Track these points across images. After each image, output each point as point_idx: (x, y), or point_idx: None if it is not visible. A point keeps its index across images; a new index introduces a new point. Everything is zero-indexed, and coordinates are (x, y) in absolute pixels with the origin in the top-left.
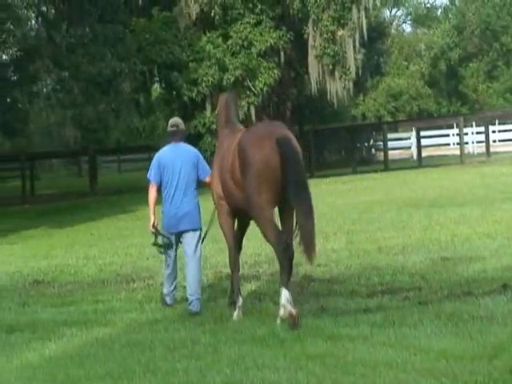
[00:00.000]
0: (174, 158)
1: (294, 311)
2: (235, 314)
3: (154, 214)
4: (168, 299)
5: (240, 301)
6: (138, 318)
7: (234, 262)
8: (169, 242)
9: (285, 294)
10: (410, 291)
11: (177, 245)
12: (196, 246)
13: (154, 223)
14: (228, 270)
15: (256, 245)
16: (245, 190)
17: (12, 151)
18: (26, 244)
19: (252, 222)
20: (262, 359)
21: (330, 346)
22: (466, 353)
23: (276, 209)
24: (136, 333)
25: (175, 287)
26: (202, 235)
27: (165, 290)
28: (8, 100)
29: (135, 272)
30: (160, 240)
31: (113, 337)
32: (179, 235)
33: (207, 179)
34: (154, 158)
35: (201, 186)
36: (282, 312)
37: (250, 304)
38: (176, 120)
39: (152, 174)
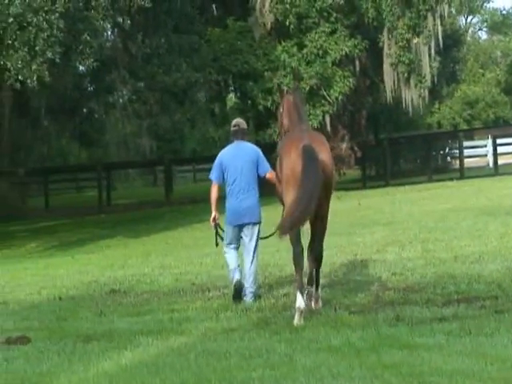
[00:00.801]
0: (235, 156)
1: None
2: (296, 317)
3: (216, 209)
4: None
5: (302, 304)
6: (213, 326)
7: (297, 264)
8: (227, 234)
9: (317, 293)
10: (487, 300)
11: (239, 238)
12: (255, 240)
13: (214, 217)
14: (303, 279)
15: (331, 253)
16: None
17: (89, 161)
18: (102, 253)
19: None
20: (338, 368)
21: (405, 356)
22: None
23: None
24: (211, 342)
25: (239, 265)
26: (267, 234)
27: (230, 266)
28: (85, 110)
29: (210, 281)
30: (220, 233)
31: (188, 346)
32: (241, 228)
33: (267, 175)
34: (217, 158)
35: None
36: (314, 305)
37: (324, 313)
38: (237, 120)
39: (214, 174)
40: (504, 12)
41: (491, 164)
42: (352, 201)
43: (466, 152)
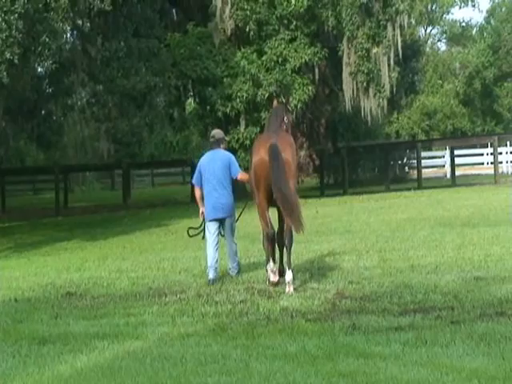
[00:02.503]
0: (210, 161)
1: (291, 290)
2: (270, 276)
3: (202, 206)
4: (211, 272)
5: (271, 265)
6: (169, 331)
7: (268, 246)
8: (208, 227)
9: (288, 274)
10: (443, 310)
11: (218, 228)
12: (232, 231)
13: (202, 212)
14: (260, 286)
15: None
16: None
17: (46, 163)
18: (58, 256)
19: None
20: (293, 376)
21: (361, 364)
22: (499, 373)
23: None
24: (167, 346)
25: (217, 261)
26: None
27: (208, 263)
28: (43, 112)
29: (167, 286)
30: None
31: (144, 350)
32: (219, 221)
33: (238, 176)
34: (198, 164)
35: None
36: (287, 289)
37: (281, 320)
38: (214, 131)
39: (194, 179)
40: (463, 24)
41: (449, 175)
42: (310, 209)
43: (424, 162)
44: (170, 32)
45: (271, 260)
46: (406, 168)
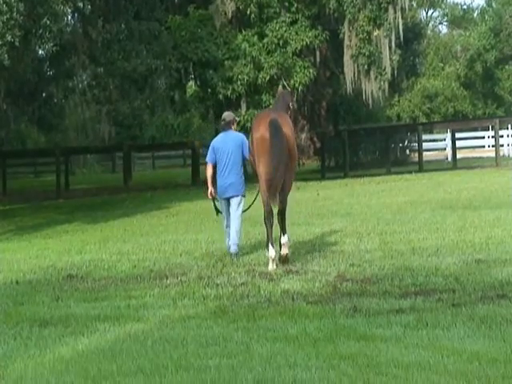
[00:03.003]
0: (224, 142)
1: (287, 252)
2: (269, 263)
3: (212, 185)
4: (232, 248)
5: (272, 252)
6: (170, 314)
7: (267, 221)
8: (221, 205)
9: (284, 238)
10: (444, 293)
11: (228, 207)
12: (238, 208)
13: (211, 192)
14: (261, 268)
15: (290, 243)
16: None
17: (47, 146)
18: (60, 238)
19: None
20: (294, 358)
21: (362, 346)
22: (499, 356)
23: None
24: (169, 329)
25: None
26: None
27: (226, 242)
28: (44, 95)
29: (169, 268)
30: (217, 204)
31: (145, 332)
32: (228, 199)
33: (249, 156)
34: (211, 144)
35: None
36: (282, 250)
37: (282, 302)
38: (224, 114)
39: (208, 157)
40: (464, 7)
41: (450, 158)
42: (311, 191)
43: (425, 145)
44: (171, 14)
45: (270, 244)
46: (407, 151)
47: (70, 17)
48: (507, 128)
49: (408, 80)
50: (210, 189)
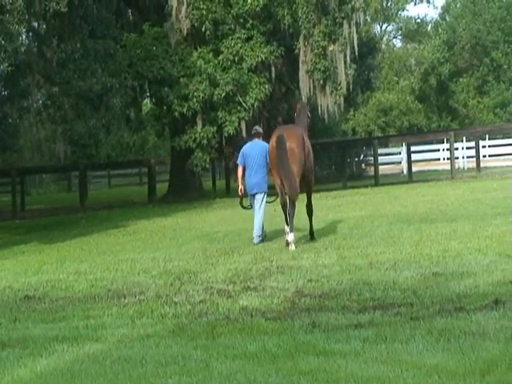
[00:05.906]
0: (252, 149)
1: (293, 248)
2: (289, 244)
3: (242, 183)
4: (255, 239)
5: (291, 236)
6: (129, 333)
7: (284, 211)
8: (250, 200)
9: (290, 236)
10: (402, 307)
11: (255, 201)
12: (262, 203)
13: (241, 189)
14: (219, 286)
15: (247, 259)
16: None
17: (2, 166)
18: (16, 259)
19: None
20: (254, 375)
21: (321, 362)
22: (459, 368)
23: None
24: (127, 348)
25: (261, 229)
26: (269, 200)
27: (254, 233)
28: None
29: (126, 287)
30: (243, 202)
31: (104, 352)
32: (254, 196)
33: None
34: (241, 150)
35: None
36: (290, 247)
37: (241, 320)
38: (255, 127)
39: (239, 160)
40: (418, 20)
41: (405, 171)
42: (268, 207)
43: (381, 159)
44: (126, 32)
45: (287, 226)
46: (363, 165)
47: (24, 36)
48: (462, 141)
49: (363, 94)
50: (241, 186)
